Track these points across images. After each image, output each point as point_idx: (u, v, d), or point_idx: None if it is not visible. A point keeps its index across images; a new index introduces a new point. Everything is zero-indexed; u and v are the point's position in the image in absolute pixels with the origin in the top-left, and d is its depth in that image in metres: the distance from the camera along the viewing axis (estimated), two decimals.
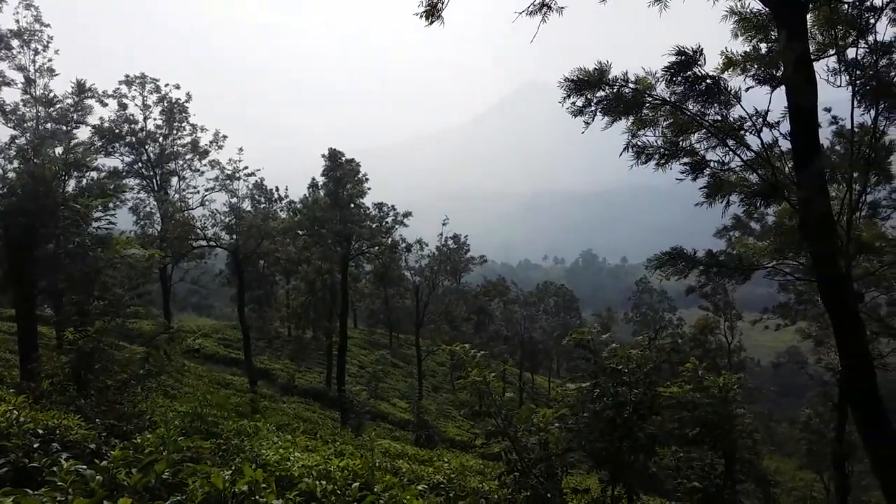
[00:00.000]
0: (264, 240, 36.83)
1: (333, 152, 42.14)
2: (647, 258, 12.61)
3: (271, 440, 12.95)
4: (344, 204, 40.70)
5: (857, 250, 11.62)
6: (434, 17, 12.72)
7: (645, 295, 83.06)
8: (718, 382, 15.47)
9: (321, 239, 41.16)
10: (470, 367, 10.36)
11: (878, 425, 10.85)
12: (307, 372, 51.65)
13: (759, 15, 11.79)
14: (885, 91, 10.37)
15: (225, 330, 56.53)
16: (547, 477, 9.83)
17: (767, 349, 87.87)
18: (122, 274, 16.76)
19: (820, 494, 47.03)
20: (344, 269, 42.19)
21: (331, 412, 40.47)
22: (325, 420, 37.37)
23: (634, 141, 12.20)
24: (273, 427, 18.13)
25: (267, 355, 51.70)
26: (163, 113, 47.72)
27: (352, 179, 42.01)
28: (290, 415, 34.10)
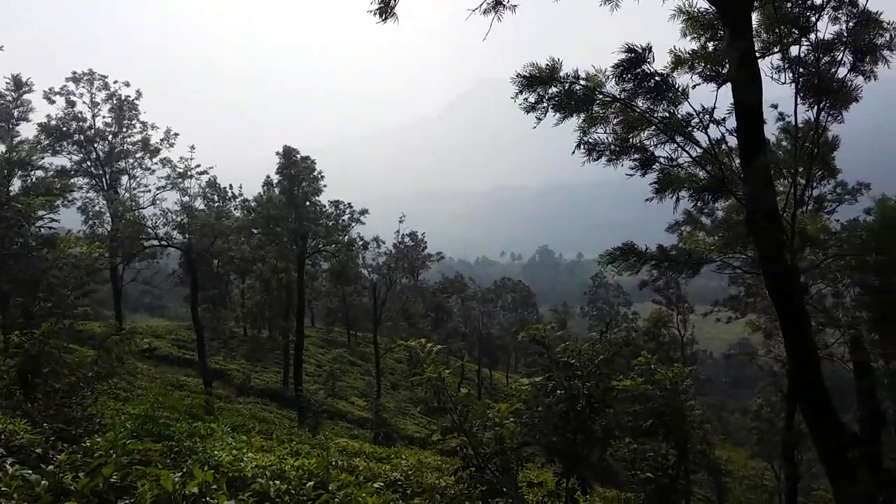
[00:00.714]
0: (218, 239, 36.33)
1: (288, 150, 41.73)
2: (600, 254, 12.78)
3: (225, 441, 12.80)
4: (299, 202, 40.35)
5: (801, 244, 11.93)
6: (388, 14, 12.69)
7: (601, 290, 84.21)
8: (670, 375, 15.75)
9: (276, 237, 40.76)
10: (426, 364, 10.37)
11: (824, 415, 11.16)
12: (263, 372, 51.10)
13: (706, 14, 12.02)
14: (826, 88, 10.66)
15: (179, 331, 55.58)
16: (502, 471, 9.89)
17: (720, 341, 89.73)
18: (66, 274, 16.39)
19: (771, 483, 48.20)
20: (300, 268, 41.84)
21: (288, 412, 40.12)
22: (281, 420, 37.04)
23: (586, 138, 12.34)
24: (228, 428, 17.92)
25: (222, 356, 51.00)
26: (112, 110, 46.73)
27: (307, 177, 41.66)
28: (246, 415, 33.74)
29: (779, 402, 39.91)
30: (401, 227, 56.48)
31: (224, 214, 41.22)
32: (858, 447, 11.05)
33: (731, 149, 12.08)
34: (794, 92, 10.98)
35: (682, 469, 17.25)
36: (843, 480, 10.80)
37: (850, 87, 10.78)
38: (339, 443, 23.62)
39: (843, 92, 10.79)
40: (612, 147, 12.14)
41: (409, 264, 58.59)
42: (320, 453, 14.42)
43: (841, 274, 15.02)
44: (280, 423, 35.06)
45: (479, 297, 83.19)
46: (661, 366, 16.30)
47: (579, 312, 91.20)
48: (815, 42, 10.88)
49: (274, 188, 44.90)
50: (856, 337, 13.15)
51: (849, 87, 10.77)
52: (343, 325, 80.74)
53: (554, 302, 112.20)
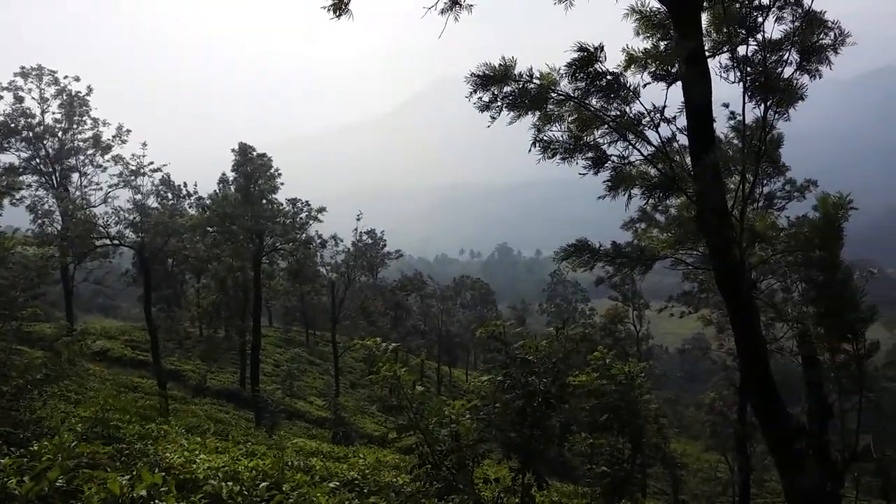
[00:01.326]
0: (171, 237, 35.71)
1: (243, 147, 41.23)
2: (555, 251, 12.88)
3: (179, 443, 12.62)
4: (255, 200, 39.90)
5: (750, 240, 12.18)
6: (342, 10, 12.61)
7: (559, 286, 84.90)
8: (625, 370, 15.98)
9: (232, 236, 40.23)
10: (381, 362, 10.35)
11: (773, 407, 11.42)
12: (220, 372, 50.45)
13: (658, 13, 12.19)
14: (773, 87, 10.90)
15: (132, 331, 54.54)
16: (458, 468, 9.92)
17: (675, 336, 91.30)
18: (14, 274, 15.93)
19: (725, 475, 49.20)
20: (256, 267, 41.40)
21: (245, 412, 39.71)
22: (238, 421, 36.64)
23: (541, 136, 12.42)
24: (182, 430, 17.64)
25: (177, 356, 50.20)
26: (62, 106, 45.65)
27: (263, 174, 41.22)
28: (202, 416, 33.29)
29: (731, 396, 40.71)
30: (359, 224, 56.28)
31: (178, 212, 40.49)
32: (806, 439, 11.33)
33: (682, 147, 12.29)
34: (743, 91, 11.20)
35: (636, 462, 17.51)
36: (791, 472, 11.07)
37: (796, 86, 11.03)
38: (296, 443, 23.42)
39: (790, 91, 11.05)
40: (566, 145, 12.23)
41: (367, 262, 58.45)
42: (276, 454, 14.29)
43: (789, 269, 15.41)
44: (237, 424, 34.66)
45: (438, 295, 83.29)
46: (616, 361, 16.54)
47: (538, 309, 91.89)
48: (762, 42, 11.10)
49: (230, 186, 44.35)
50: (803, 331, 13.51)
51: (795, 86, 11.02)
52: (301, 324, 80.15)
53: (513, 299, 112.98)
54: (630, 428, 16.11)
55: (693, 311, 33.02)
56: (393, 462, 18.20)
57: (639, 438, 16.38)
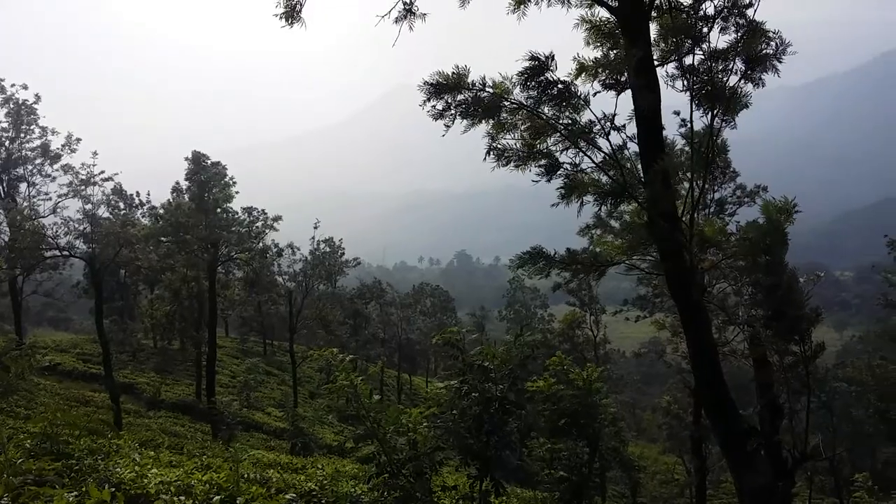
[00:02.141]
0: (123, 248, 34.99)
1: (197, 155, 40.68)
2: (510, 258, 12.97)
3: (131, 458, 12.38)
4: (209, 208, 39.35)
5: (700, 245, 12.42)
6: (294, 18, 12.59)
7: (518, 293, 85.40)
8: (582, 375, 16.15)
9: (186, 245, 39.62)
10: (338, 372, 10.31)
11: (724, 408, 11.64)
12: (175, 384, 49.59)
13: (608, 23, 12.40)
14: (719, 95, 11.16)
15: (84, 344, 53.33)
16: (416, 476, 9.92)
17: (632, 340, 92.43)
18: None
19: (682, 477, 49.91)
20: (211, 276, 40.82)
21: (201, 425, 39.10)
22: (194, 434, 36.08)
23: (495, 144, 12.52)
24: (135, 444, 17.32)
25: (130, 369, 49.23)
26: (9, 115, 44.52)
27: (218, 183, 40.68)
28: (156, 430, 32.72)
29: (686, 399, 41.40)
30: (316, 232, 55.83)
31: (130, 222, 39.69)
32: (757, 440, 11.56)
33: (633, 154, 12.49)
34: (690, 99, 11.44)
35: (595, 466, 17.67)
36: (743, 472, 11.29)
37: (741, 94, 11.31)
38: (253, 455, 23.13)
39: (735, 99, 11.32)
40: (519, 153, 12.35)
41: (325, 271, 58.01)
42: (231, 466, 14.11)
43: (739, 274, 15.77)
44: (192, 437, 34.12)
45: (397, 303, 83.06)
46: (574, 366, 16.71)
47: (497, 315, 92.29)
48: (707, 51, 11.36)
49: (183, 195, 43.70)
50: (753, 334, 13.83)
51: (740, 94, 11.30)
52: (258, 334, 79.25)
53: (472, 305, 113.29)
54: (588, 432, 16.28)
55: (648, 315, 33.49)
56: (352, 472, 18.09)
57: (596, 442, 16.56)
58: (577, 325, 48.91)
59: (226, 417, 34.76)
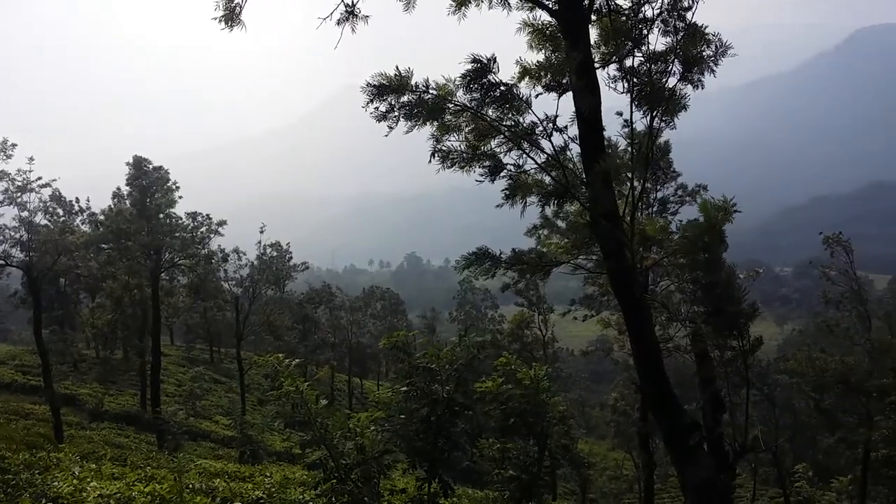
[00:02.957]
0: (62, 255, 34.02)
1: (138, 160, 39.80)
2: (456, 259, 13.01)
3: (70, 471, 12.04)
4: (152, 214, 38.56)
5: (641, 243, 12.64)
6: (234, 22, 12.42)
7: (468, 294, 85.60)
8: (530, 374, 16.28)
9: (127, 252, 38.75)
10: (284, 377, 10.20)
11: (667, 403, 11.87)
12: (119, 395, 48.39)
13: (549, 26, 12.53)
14: (658, 96, 11.38)
15: (23, 355, 51.67)
16: (364, 480, 9.87)
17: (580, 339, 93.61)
18: None
19: (630, 472, 50.75)
20: (154, 284, 40.00)
21: (146, 436, 38.27)
22: (139, 445, 35.29)
23: (439, 146, 12.55)
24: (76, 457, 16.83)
25: (71, 380, 47.87)
26: None
27: (160, 188, 39.89)
28: (99, 442, 31.89)
29: (633, 395, 42.07)
30: (262, 237, 55.01)
31: (69, 229, 38.59)
32: (700, 434, 11.82)
33: (576, 155, 12.64)
34: (630, 100, 11.64)
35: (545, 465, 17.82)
36: (686, 465, 11.53)
37: (680, 96, 11.55)
38: (200, 464, 22.71)
39: (674, 100, 11.55)
40: (464, 155, 12.39)
41: (273, 276, 57.20)
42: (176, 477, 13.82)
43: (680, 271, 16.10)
44: (137, 448, 33.37)
45: (347, 307, 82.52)
46: (522, 366, 16.83)
47: (448, 317, 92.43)
48: (647, 53, 11.57)
49: (124, 200, 42.69)
50: (694, 329, 14.14)
51: (678, 96, 11.53)
52: (205, 341, 77.88)
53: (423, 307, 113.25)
54: (536, 430, 16.43)
55: (595, 314, 33.86)
56: (301, 479, 17.88)
57: (545, 440, 16.72)
58: (526, 325, 49.30)
59: (171, 427, 34.11)
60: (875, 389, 31.26)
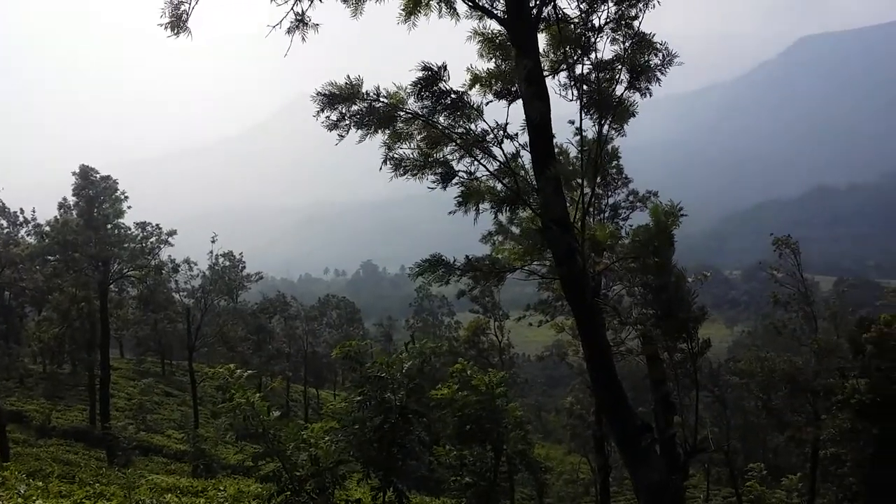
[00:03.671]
0: (6, 268, 33.10)
1: (85, 169, 38.90)
2: (409, 266, 13.00)
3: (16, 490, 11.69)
4: (99, 225, 37.74)
5: (592, 248, 12.79)
6: (181, 28, 12.26)
7: (425, 301, 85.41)
8: (485, 380, 16.32)
9: (74, 264, 37.84)
10: (235, 389, 10.07)
11: (618, 407, 12.01)
12: (67, 410, 47.07)
13: (499, 35, 12.63)
14: (606, 104, 11.56)
15: None
16: (319, 492, 9.79)
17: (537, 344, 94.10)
18: None
19: (587, 476, 51.16)
20: (103, 296, 39.09)
21: (96, 452, 37.33)
22: (88, 461, 34.39)
23: (391, 154, 12.54)
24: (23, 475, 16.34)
25: (17, 396, 46.43)
26: None
27: (108, 198, 39.04)
28: (47, 459, 30.98)
29: (588, 399, 42.46)
30: (214, 246, 54.17)
31: (13, 241, 37.61)
32: (651, 436, 11.98)
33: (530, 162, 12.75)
34: (580, 108, 11.79)
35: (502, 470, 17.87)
36: (638, 467, 11.67)
37: (628, 103, 11.76)
38: (151, 479, 22.24)
39: (622, 107, 11.75)
40: (416, 162, 12.41)
41: (226, 286, 56.34)
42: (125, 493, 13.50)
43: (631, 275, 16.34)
44: (86, 465, 32.49)
45: (302, 316, 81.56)
46: (477, 372, 16.86)
47: (405, 324, 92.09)
48: (596, 61, 11.75)
49: (71, 211, 41.67)
50: (645, 332, 14.36)
51: (626, 103, 11.74)
52: (156, 354, 76.26)
53: (380, 316, 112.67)
54: (492, 436, 16.47)
55: (550, 319, 34.13)
56: (255, 492, 17.63)
57: (501, 446, 16.76)
58: (482, 332, 49.39)
59: (122, 442, 33.35)
60: (822, 389, 32.12)
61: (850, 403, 27.22)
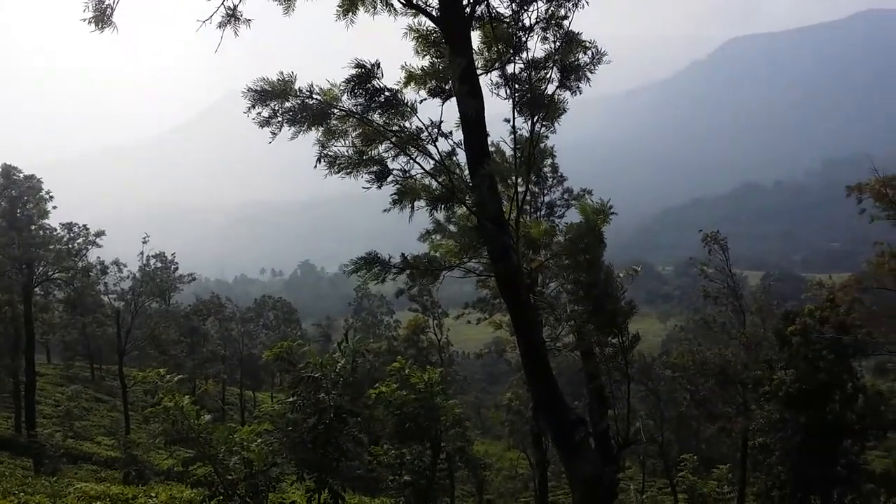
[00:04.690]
0: None
1: (7, 168, 37.49)
2: (343, 264, 12.91)
3: None
4: (22, 226, 36.44)
5: (527, 246, 12.92)
6: (105, 23, 11.90)
7: (364, 300, 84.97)
8: (424, 378, 16.31)
9: None
10: (162, 393, 9.83)
11: (553, 402, 12.18)
12: None
13: (434, 32, 12.64)
14: (538, 102, 11.69)
15: None
16: (252, 495, 9.63)
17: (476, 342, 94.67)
18: None
19: (526, 471, 51.73)
20: (27, 299, 37.76)
21: (22, 461, 36.01)
22: (14, 470, 33.06)
23: (326, 151, 12.41)
24: None
25: None
26: None
27: (32, 198, 37.69)
28: None
29: (526, 394, 42.88)
30: (145, 247, 52.68)
31: None
32: (585, 429, 12.18)
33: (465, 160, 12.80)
34: (512, 106, 11.89)
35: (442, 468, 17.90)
36: (573, 462, 11.86)
37: (559, 102, 11.91)
38: (80, 488, 21.55)
39: (554, 106, 11.89)
40: (351, 160, 12.32)
41: (157, 288, 54.90)
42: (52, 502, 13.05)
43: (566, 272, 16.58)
44: (12, 475, 31.24)
45: (238, 318, 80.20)
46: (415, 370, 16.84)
47: (344, 324, 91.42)
48: (527, 60, 11.87)
49: None
50: (578, 328, 14.60)
51: (557, 101, 11.89)
52: (85, 358, 73.88)
53: (318, 316, 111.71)
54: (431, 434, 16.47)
55: (488, 316, 34.37)
56: (188, 497, 17.24)
57: (439, 444, 16.78)
58: (421, 330, 49.41)
59: (49, 450, 32.22)
60: (751, 380, 33.18)
61: (777, 394, 28.17)
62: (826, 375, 27.29)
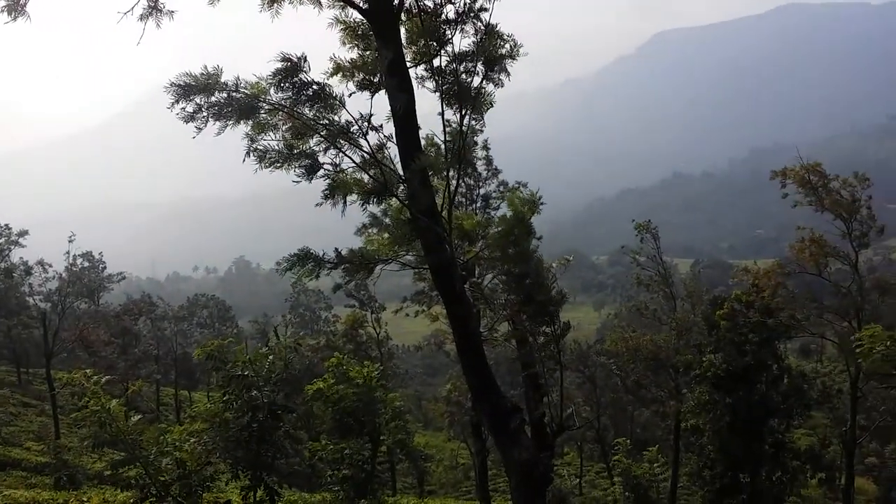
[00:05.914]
0: None
1: None
2: (277, 261, 12.79)
3: None
4: None
5: (460, 238, 13.03)
6: (18, 12, 11.49)
7: (302, 296, 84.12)
8: (363, 372, 16.32)
9: None
10: (88, 396, 9.60)
11: (488, 391, 12.34)
12: None
13: (361, 24, 12.57)
14: (464, 95, 11.79)
15: None
16: (186, 495, 9.50)
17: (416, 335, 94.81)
18: None
19: (466, 460, 52.19)
20: None
21: None
22: None
23: (255, 145, 12.25)
24: None
25: None
26: None
27: None
28: None
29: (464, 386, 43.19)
30: (71, 247, 50.94)
31: None
32: (521, 416, 12.38)
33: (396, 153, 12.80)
34: (440, 99, 11.96)
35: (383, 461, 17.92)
36: (508, 449, 12.05)
37: (485, 94, 12.04)
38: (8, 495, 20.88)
39: (480, 99, 12.01)
40: (281, 154, 12.19)
41: (86, 288, 53.26)
42: None
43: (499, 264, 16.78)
44: None
45: (170, 317, 78.34)
46: (354, 365, 16.83)
47: (281, 321, 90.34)
48: (454, 53, 11.94)
49: None
50: (512, 318, 14.82)
51: (484, 94, 12.01)
52: (10, 362, 71.14)
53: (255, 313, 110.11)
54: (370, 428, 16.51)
55: (426, 309, 34.44)
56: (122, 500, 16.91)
57: (378, 437, 16.83)
58: (360, 325, 49.28)
59: None
60: (682, 364, 34.18)
61: (706, 377, 29.10)
62: (752, 358, 28.32)
